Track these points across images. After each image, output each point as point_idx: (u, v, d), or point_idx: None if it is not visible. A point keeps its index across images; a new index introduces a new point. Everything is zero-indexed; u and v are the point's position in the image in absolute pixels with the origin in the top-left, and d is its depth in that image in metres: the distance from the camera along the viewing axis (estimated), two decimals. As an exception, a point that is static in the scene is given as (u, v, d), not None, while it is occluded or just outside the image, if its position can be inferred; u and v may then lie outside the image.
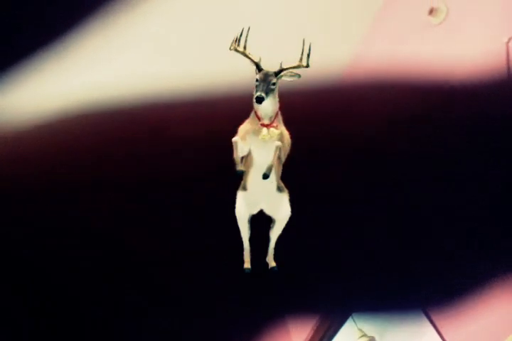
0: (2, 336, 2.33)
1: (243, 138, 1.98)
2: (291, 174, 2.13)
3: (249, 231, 2.18)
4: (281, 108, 1.99)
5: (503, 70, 2.56)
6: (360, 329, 2.61)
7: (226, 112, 2.09)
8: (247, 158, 2.04)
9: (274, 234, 2.20)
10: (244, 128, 2.00)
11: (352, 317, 2.56)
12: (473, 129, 2.49)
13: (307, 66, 1.92)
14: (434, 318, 2.37)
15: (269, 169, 1.96)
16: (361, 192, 2.37)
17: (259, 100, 1.86)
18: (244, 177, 2.09)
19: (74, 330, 2.38)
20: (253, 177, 2.06)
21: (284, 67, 1.93)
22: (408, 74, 2.69)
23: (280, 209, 2.13)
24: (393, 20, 2.99)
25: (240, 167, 1.99)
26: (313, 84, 2.34)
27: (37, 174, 2.32)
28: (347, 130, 2.29)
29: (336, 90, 2.38)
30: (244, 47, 1.93)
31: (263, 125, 1.95)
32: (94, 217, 2.33)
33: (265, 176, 1.96)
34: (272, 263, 2.23)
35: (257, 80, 1.88)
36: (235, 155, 1.99)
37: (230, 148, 2.00)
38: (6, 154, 2.32)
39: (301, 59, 1.92)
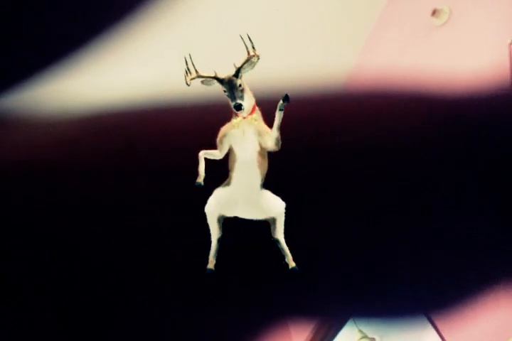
0: (2, 335, 2.34)
1: (220, 141, 2.06)
2: (293, 181, 2.13)
3: (219, 231, 2.18)
4: (284, 116, 2.00)
5: (506, 71, 2.55)
6: (361, 331, 2.64)
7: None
8: (230, 155, 2.10)
9: (278, 233, 2.17)
10: (222, 130, 2.07)
11: (353, 319, 2.58)
12: (476, 134, 2.50)
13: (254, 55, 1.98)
14: (436, 322, 2.39)
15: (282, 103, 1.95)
16: (362, 197, 2.38)
17: (238, 107, 1.96)
18: (229, 173, 2.12)
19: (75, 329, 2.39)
20: (238, 173, 2.10)
21: (238, 65, 1.98)
22: (411, 79, 2.69)
23: (270, 206, 2.13)
24: (396, 22, 2.99)
25: (200, 179, 2.06)
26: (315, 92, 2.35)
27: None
28: (348, 137, 2.30)
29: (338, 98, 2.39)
30: (196, 72, 1.99)
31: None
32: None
33: (286, 98, 1.95)
34: (292, 264, 2.22)
35: (225, 91, 1.94)
36: (199, 169, 2.06)
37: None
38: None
39: (248, 52, 1.97)
